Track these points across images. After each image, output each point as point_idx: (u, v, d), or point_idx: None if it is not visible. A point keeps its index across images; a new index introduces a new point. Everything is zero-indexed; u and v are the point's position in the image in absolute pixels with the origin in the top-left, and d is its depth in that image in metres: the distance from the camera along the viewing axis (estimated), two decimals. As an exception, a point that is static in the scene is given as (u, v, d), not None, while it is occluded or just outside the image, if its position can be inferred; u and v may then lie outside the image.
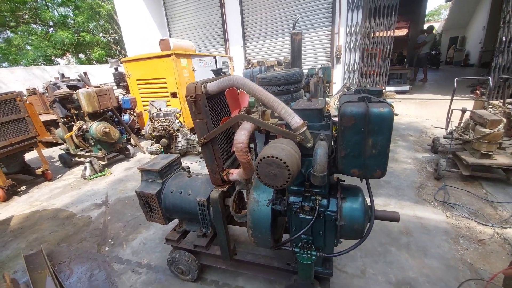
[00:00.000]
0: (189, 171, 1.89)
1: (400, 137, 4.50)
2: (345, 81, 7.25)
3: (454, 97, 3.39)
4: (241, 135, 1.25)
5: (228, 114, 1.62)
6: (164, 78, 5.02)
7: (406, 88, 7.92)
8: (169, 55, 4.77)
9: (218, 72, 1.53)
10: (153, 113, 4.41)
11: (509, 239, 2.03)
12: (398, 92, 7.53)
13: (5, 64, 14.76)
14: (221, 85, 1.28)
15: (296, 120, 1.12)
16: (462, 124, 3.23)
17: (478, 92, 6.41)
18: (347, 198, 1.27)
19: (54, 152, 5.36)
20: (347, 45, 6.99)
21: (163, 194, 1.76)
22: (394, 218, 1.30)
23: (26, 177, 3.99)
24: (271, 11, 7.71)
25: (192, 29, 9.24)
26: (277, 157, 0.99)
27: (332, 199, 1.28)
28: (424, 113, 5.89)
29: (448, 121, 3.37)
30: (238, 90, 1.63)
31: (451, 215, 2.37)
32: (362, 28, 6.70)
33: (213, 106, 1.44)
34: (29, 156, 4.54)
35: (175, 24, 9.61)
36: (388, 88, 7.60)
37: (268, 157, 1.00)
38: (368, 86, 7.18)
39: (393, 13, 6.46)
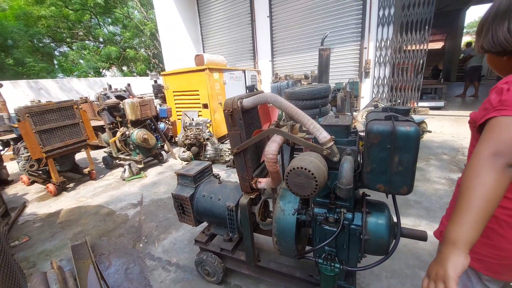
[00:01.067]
0: (219, 178, 2.04)
1: (433, 155, 4.26)
2: (374, 96, 7.10)
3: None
4: (272, 147, 1.36)
5: (259, 127, 1.75)
6: (198, 91, 5.40)
7: (441, 103, 7.51)
8: (203, 70, 5.15)
9: (251, 89, 1.68)
10: (186, 123, 4.73)
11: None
12: (432, 108, 7.15)
13: (60, 75, 16.88)
14: (256, 101, 1.42)
15: (323, 135, 1.20)
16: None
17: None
18: (372, 213, 1.29)
19: (98, 154, 5.95)
20: (376, 59, 6.89)
21: (195, 198, 1.92)
22: (421, 236, 1.28)
23: (74, 175, 4.47)
24: (299, 27, 7.93)
25: (224, 44, 9.83)
26: (305, 169, 1.08)
27: (357, 213, 1.31)
28: (461, 131, 5.51)
29: (488, 141, 3.15)
30: (269, 105, 1.77)
31: (490, 242, 2.19)
32: (393, 43, 6.57)
33: (246, 119, 1.58)
34: (77, 156, 5.09)
35: (209, 40, 10.31)
36: (421, 104, 7.26)
37: (298, 168, 1.09)
38: (399, 101, 6.94)
39: (427, 27, 6.28)
